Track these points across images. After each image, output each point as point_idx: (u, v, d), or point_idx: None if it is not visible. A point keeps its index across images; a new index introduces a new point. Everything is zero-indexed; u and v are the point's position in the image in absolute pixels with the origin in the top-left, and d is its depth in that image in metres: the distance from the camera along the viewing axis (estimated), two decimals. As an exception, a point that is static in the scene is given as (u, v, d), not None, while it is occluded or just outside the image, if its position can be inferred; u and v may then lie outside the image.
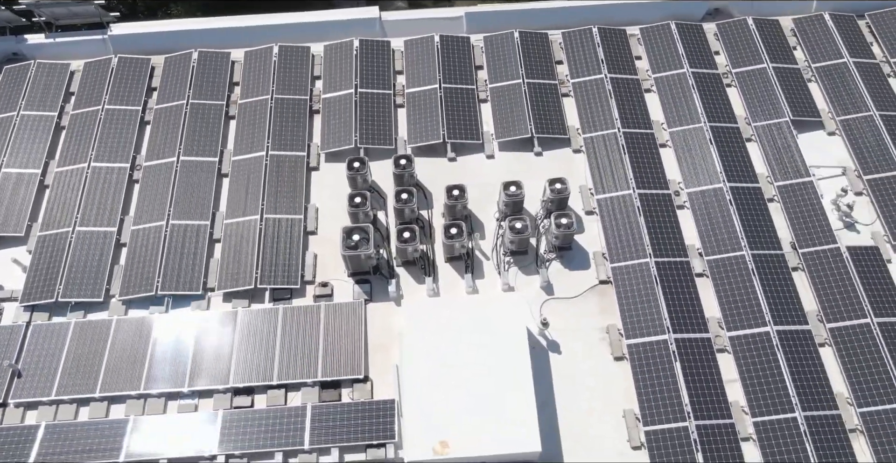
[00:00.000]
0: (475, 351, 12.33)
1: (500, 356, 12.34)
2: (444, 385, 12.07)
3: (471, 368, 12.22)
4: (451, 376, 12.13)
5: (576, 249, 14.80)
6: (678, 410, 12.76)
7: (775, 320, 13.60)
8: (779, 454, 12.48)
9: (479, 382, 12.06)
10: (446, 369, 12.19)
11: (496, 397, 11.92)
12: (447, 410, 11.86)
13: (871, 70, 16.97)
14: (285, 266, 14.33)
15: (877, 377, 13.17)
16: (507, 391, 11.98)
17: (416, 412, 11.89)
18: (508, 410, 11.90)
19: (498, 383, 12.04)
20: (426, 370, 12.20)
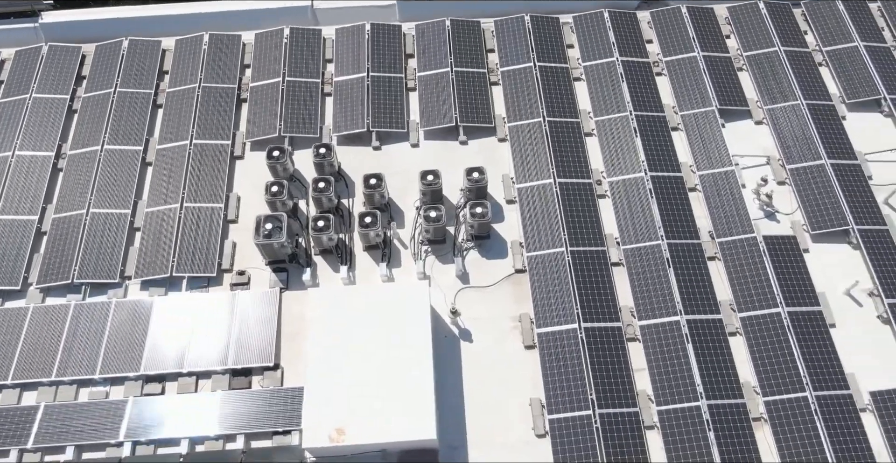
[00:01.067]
0: (378, 339, 12.11)
1: (402, 344, 12.10)
2: (347, 373, 11.86)
3: (373, 356, 12.00)
4: (353, 364, 11.92)
5: (494, 238, 14.48)
6: (583, 399, 12.49)
7: (686, 310, 13.28)
8: (681, 442, 12.22)
9: (380, 370, 11.85)
10: (349, 357, 11.98)
11: (395, 385, 11.72)
12: (347, 398, 11.65)
13: (802, 59, 16.41)
14: (202, 255, 14.06)
15: (783, 366, 12.85)
16: (407, 379, 11.77)
17: (317, 399, 11.67)
18: (406, 397, 11.67)
19: (398, 371, 11.82)
20: (329, 358, 11.97)
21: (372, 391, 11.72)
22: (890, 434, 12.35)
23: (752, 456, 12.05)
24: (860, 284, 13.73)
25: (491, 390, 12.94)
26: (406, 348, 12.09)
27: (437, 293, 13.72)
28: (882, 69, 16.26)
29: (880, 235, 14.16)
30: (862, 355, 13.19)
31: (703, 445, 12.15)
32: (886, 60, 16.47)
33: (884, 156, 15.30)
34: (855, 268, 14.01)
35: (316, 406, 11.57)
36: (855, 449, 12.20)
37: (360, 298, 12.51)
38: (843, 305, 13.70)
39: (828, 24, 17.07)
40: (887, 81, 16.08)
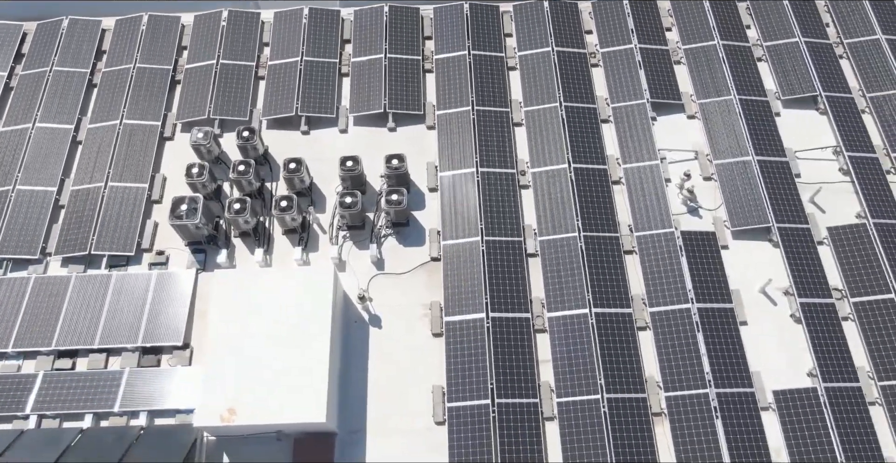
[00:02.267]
0: (279, 322, 11.78)
1: (301, 328, 11.74)
2: (245, 354, 11.52)
3: (272, 339, 11.66)
4: (252, 346, 11.59)
5: (413, 225, 14.01)
6: (483, 388, 12.11)
7: (596, 303, 12.82)
8: (577, 435, 11.67)
9: (278, 353, 11.52)
10: (248, 339, 11.64)
11: (291, 368, 11.38)
12: (242, 379, 11.32)
13: (740, 53, 15.63)
14: (123, 233, 13.71)
15: (688, 363, 12.35)
16: (303, 363, 11.42)
17: (213, 379, 11.36)
18: (301, 380, 11.31)
19: (295, 355, 11.48)
20: (229, 339, 11.63)
21: (267, 373, 11.38)
22: (789, 434, 11.85)
23: (648, 456, 11.55)
24: (777, 282, 13.20)
25: (396, 376, 12.61)
26: (305, 333, 11.72)
27: (351, 279, 13.39)
28: (821, 66, 15.48)
29: (801, 233, 13.56)
30: (771, 354, 12.71)
31: (598, 438, 11.66)
32: (826, 57, 15.65)
33: (815, 154, 14.68)
34: (773, 266, 13.47)
35: (211, 386, 11.28)
36: (752, 447, 11.75)
37: (264, 281, 12.14)
38: (758, 303, 13.18)
39: (771, 19, 16.25)
40: (825, 79, 15.31)
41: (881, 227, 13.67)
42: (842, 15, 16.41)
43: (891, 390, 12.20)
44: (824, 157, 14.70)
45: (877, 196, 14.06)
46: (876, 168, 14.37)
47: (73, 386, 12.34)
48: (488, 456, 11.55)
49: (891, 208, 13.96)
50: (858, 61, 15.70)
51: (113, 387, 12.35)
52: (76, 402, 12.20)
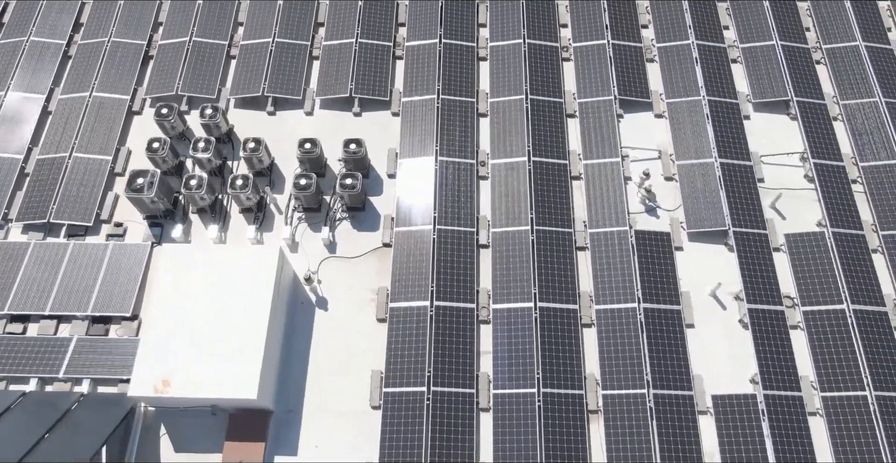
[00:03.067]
0: (220, 298, 11.55)
1: (242, 306, 11.49)
2: (184, 328, 11.34)
3: (212, 314, 11.44)
4: (192, 320, 11.40)
5: (369, 210, 13.66)
6: (420, 375, 11.80)
7: (542, 297, 12.40)
8: (509, 427, 11.39)
9: (216, 329, 11.30)
10: (189, 313, 11.46)
11: (228, 344, 11.16)
12: (179, 352, 11.15)
13: (715, 54, 14.98)
14: (83, 204, 13.53)
15: (629, 362, 11.87)
16: (240, 340, 11.19)
17: (150, 351, 11.19)
18: (236, 357, 11.09)
19: (233, 331, 11.26)
20: (170, 312, 11.46)
21: (204, 348, 11.18)
22: (724, 439, 11.43)
23: (580, 453, 11.18)
24: (729, 286, 12.76)
25: (337, 359, 12.35)
26: (245, 310, 11.47)
27: (302, 260, 13.13)
28: (796, 71, 14.82)
29: (757, 238, 13.05)
30: (715, 358, 12.30)
31: (530, 432, 11.29)
32: (802, 62, 14.98)
33: (781, 159, 14.11)
34: (727, 270, 13.00)
35: (147, 357, 11.12)
36: (685, 450, 11.35)
37: (210, 258, 11.91)
38: (707, 307, 12.74)
39: (750, 20, 15.56)
40: (799, 84, 14.67)
41: (839, 236, 13.11)
42: (823, 20, 15.70)
43: (833, 402, 11.76)
44: (790, 163, 14.15)
45: (838, 205, 13.48)
46: (841, 177, 13.78)
47: (21, 350, 12.22)
48: (419, 443, 11.29)
49: (851, 218, 13.39)
50: (836, 67, 15.03)
51: (60, 353, 12.23)
52: (23, 366, 12.08)
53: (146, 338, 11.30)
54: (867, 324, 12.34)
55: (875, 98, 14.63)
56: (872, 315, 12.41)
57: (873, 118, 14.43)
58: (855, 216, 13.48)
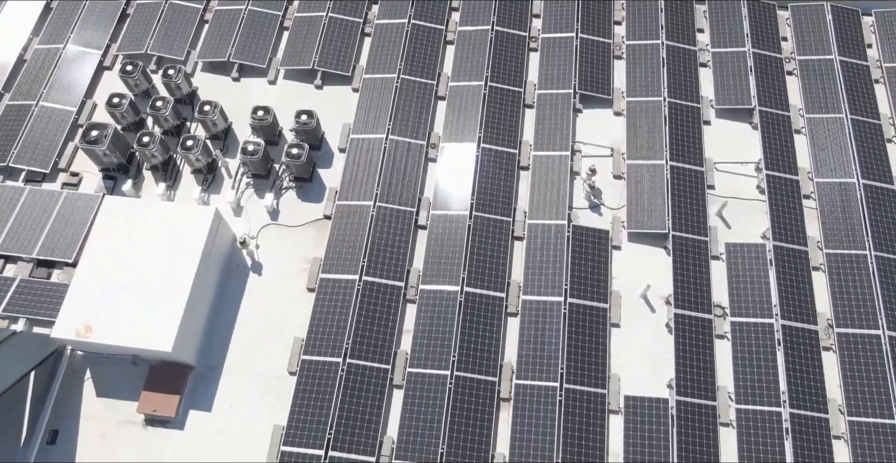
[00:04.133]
0: (152, 252, 11.44)
1: (171, 262, 11.38)
2: (112, 277, 11.25)
3: (142, 267, 11.35)
4: (122, 270, 11.31)
5: (316, 182, 13.40)
6: (338, 346, 11.58)
7: (469, 283, 12.03)
8: (419, 406, 11.20)
9: (143, 281, 11.22)
10: (120, 263, 11.35)
11: (152, 297, 11.08)
12: (105, 300, 11.08)
13: (683, 56, 14.26)
14: (43, 151, 13.44)
15: (545, 355, 11.51)
16: (164, 294, 11.09)
17: (77, 296, 11.15)
18: (158, 310, 10.99)
19: (159, 286, 11.17)
20: (102, 260, 11.37)
21: (129, 299, 11.08)
22: (629, 440, 11.06)
23: (484, 444, 10.89)
24: (661, 290, 12.26)
25: (263, 323, 12.19)
26: (174, 266, 11.33)
27: (244, 224, 12.94)
28: (765, 80, 14.07)
29: (696, 244, 12.48)
30: (636, 359, 11.86)
31: (438, 412, 11.05)
32: (773, 71, 14.19)
33: (735, 167, 13.45)
34: (663, 273, 12.48)
35: (74, 302, 11.08)
36: (589, 446, 10.99)
37: (147, 213, 11.79)
38: (638, 308, 12.28)
39: (726, 25, 14.74)
40: (765, 93, 13.93)
41: (781, 250, 12.48)
42: (802, 30, 14.81)
43: (746, 414, 11.25)
44: (744, 173, 13.46)
45: (786, 219, 12.81)
46: (793, 190, 13.08)
47: (-35, 286, 12.65)
48: (328, 411, 11.11)
49: (796, 233, 12.72)
50: (807, 80, 14.21)
51: (2, 291, 12.23)
52: (-35, 301, 12.48)
53: (76, 283, 11.27)
54: (795, 341, 11.76)
55: (841, 114, 13.82)
56: (801, 332, 11.83)
57: (836, 134, 13.64)
58: (801, 231, 12.82)
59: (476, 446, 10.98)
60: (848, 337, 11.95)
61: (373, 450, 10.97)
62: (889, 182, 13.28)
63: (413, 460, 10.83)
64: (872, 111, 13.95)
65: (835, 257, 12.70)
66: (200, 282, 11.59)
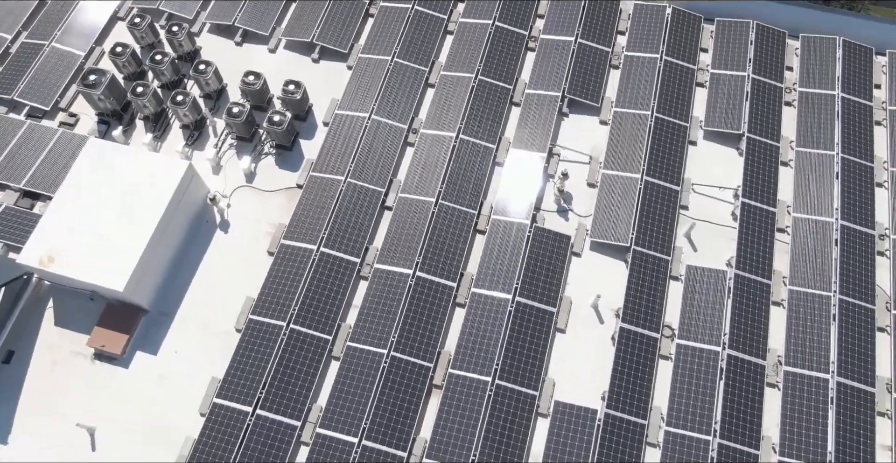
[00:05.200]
0: (123, 195, 11.63)
1: (140, 206, 11.55)
2: (83, 214, 11.48)
3: (112, 208, 11.55)
4: (92, 209, 11.53)
5: (296, 151, 13.36)
6: (284, 311, 11.59)
7: (423, 268, 11.90)
8: (352, 378, 11.07)
9: (111, 221, 11.43)
10: (92, 202, 11.56)
11: (115, 237, 11.29)
12: (71, 233, 11.34)
13: (680, 73, 13.69)
14: (47, 89, 13.73)
15: (482, 348, 11.28)
16: (127, 236, 11.29)
17: (47, 227, 11.42)
18: (118, 251, 11.19)
19: (125, 228, 11.37)
20: (76, 197, 11.60)
21: (94, 236, 11.32)
22: (551, 444, 10.80)
23: (405, 432, 10.76)
24: (614, 302, 11.90)
25: (221, 279, 12.28)
26: (140, 212, 11.49)
27: (220, 183, 12.99)
28: (759, 107, 13.43)
29: (656, 262, 12.06)
30: (575, 367, 11.57)
31: (369, 388, 10.93)
32: (770, 100, 13.54)
33: (713, 191, 12.87)
34: (619, 286, 12.09)
35: (43, 231, 11.36)
36: (510, 446, 10.75)
37: (126, 158, 11.95)
38: (588, 316, 11.94)
39: (730, 47, 14.11)
40: (756, 121, 13.30)
41: (742, 280, 11.95)
42: (809, 62, 14.06)
43: (675, 438, 10.87)
44: (721, 198, 12.91)
45: (754, 249, 12.24)
46: (767, 222, 12.51)
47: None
48: (263, 371, 11.14)
49: (761, 264, 12.14)
50: (804, 112, 13.54)
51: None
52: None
53: (48, 215, 11.53)
54: (739, 373, 11.31)
55: (833, 152, 13.14)
56: (748, 365, 11.37)
57: (824, 171, 12.96)
58: (767, 264, 12.26)
59: (401, 428, 10.84)
60: (795, 376, 11.45)
61: (300, 415, 10.99)
62: (869, 227, 12.61)
63: (341, 431, 10.74)
64: (866, 153, 13.25)
65: (798, 295, 12.13)
66: (164, 230, 11.72)
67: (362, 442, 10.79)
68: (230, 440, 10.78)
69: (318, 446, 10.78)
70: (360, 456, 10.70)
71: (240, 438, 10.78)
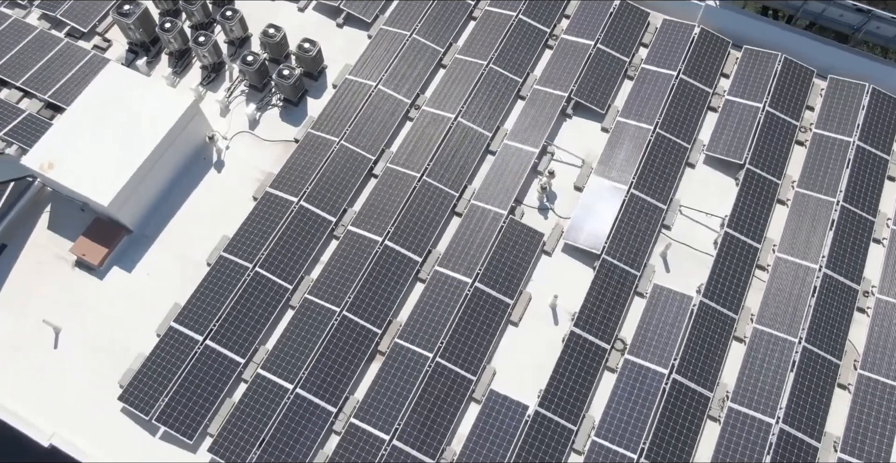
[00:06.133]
0: (130, 118, 12.07)
1: (140, 132, 11.97)
2: (91, 128, 11.96)
3: (117, 128, 12.01)
4: (100, 125, 12.01)
5: (301, 107, 13.57)
6: (253, 254, 11.84)
7: (393, 238, 12.00)
8: (302, 329, 11.34)
9: (114, 141, 11.87)
10: (102, 118, 12.03)
11: (112, 157, 11.75)
12: (76, 144, 11.87)
13: (694, 94, 13.17)
14: (88, 12, 14.28)
15: (431, 324, 11.27)
16: (123, 157, 11.72)
17: (55, 135, 11.97)
18: (113, 168, 11.66)
19: (122, 149, 11.81)
20: (86, 112, 12.07)
21: (95, 151, 11.80)
22: (476, 430, 10.71)
23: (341, 395, 10.77)
24: (573, 307, 11.72)
25: (205, 213, 12.64)
26: (140, 137, 11.94)
27: (223, 124, 13.33)
28: (768, 142, 12.89)
29: (624, 276, 11.77)
30: (518, 360, 11.43)
31: (313, 345, 11.27)
32: (781, 136, 12.96)
33: (700, 216, 12.48)
34: (580, 290, 11.91)
35: (50, 138, 11.92)
36: (437, 423, 10.76)
37: (138, 85, 12.38)
38: (543, 314, 11.78)
39: (753, 77, 13.54)
40: (761, 155, 12.77)
41: (705, 307, 11.54)
42: (832, 104, 13.37)
43: (600, 449, 10.64)
44: (708, 224, 12.48)
45: (726, 280, 11.79)
46: (748, 257, 12.00)
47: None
48: (221, 305, 11.42)
49: (730, 297, 11.68)
50: (814, 154, 12.91)
51: (10, 118, 13.29)
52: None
53: (57, 125, 12.09)
54: (682, 399, 10.97)
55: (834, 199, 12.50)
56: (693, 393, 11.02)
57: (820, 217, 12.31)
58: (737, 298, 11.82)
59: (336, 385, 10.96)
60: (738, 415, 11.03)
61: (245, 353, 11.25)
62: (854, 281, 11.96)
63: (280, 376, 10.96)
64: (870, 206, 12.56)
65: (761, 334, 11.65)
66: (159, 158, 12.14)
67: (296, 390, 11.01)
68: (176, 363, 11.17)
69: (256, 386, 11.03)
70: (291, 402, 10.91)
71: (185, 363, 11.16)
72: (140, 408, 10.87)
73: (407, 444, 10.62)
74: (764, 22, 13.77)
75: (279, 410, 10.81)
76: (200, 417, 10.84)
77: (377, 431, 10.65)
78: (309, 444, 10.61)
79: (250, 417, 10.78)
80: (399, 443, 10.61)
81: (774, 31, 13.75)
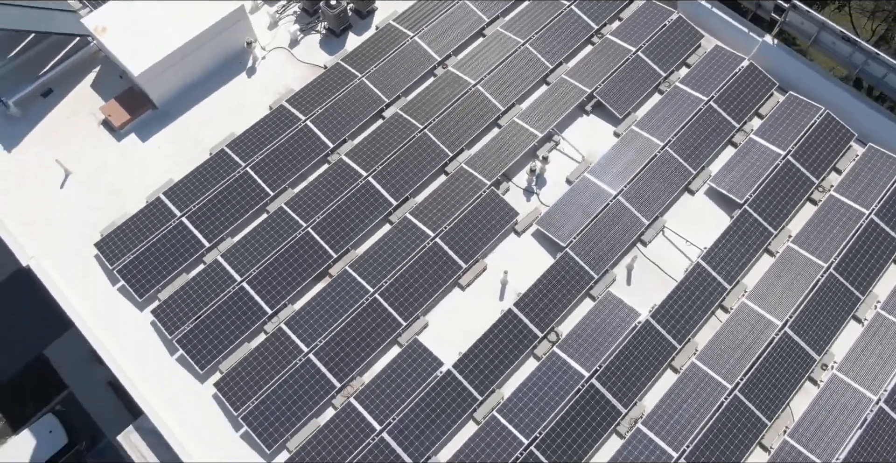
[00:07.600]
0: (184, 7, 12.79)
1: (191, 20, 12.71)
2: (150, 7, 12.81)
3: (171, 11, 12.79)
4: (159, 7, 12.80)
5: (341, 40, 13.98)
6: (251, 154, 12.30)
7: (376, 176, 12.15)
8: (268, 236, 11.90)
9: (164, 22, 12.67)
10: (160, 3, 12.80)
11: (158, 36, 12.58)
12: (131, 19, 12.73)
13: (719, 125, 12.63)
14: None
15: (381, 264, 11.45)
16: (166, 38, 12.54)
17: (116, 6, 12.82)
18: (153, 45, 12.50)
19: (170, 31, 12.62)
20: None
21: (145, 27, 12.65)
22: (388, 371, 10.80)
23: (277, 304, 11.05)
24: (521, 287, 11.63)
25: (224, 110, 13.22)
26: (189, 24, 12.72)
27: (269, 36, 13.91)
28: (778, 192, 12.19)
29: (580, 274, 11.46)
30: (454, 322, 11.38)
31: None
32: (795, 191, 12.17)
33: (680, 242, 11.95)
34: (534, 275, 11.72)
35: (111, 9, 12.85)
36: (357, 353, 10.93)
37: None
38: (492, 288, 11.68)
39: (787, 121, 12.77)
40: (766, 203, 12.06)
41: (648, 328, 11.09)
42: (859, 172, 12.42)
43: (493, 422, 10.51)
44: (685, 251, 11.95)
45: (680, 310, 11.25)
46: (713, 295, 11.39)
47: None
48: (205, 190, 11.94)
49: (680, 327, 11.14)
50: (823, 216, 12.08)
51: None
52: None
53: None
54: (592, 406, 10.59)
55: (826, 264, 11.72)
56: (605, 404, 10.63)
57: (803, 277, 11.50)
58: (686, 329, 11.22)
59: (278, 291, 11.25)
60: (644, 437, 10.48)
61: (212, 239, 11.84)
62: (816, 350, 11.12)
63: (232, 266, 11.32)
64: (862, 283, 11.62)
65: (696, 371, 10.96)
66: (196, 49, 12.88)
67: (241, 284, 11.42)
68: (150, 230, 11.93)
69: (210, 271, 11.57)
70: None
71: (157, 233, 11.87)
72: (109, 258, 11.68)
73: (321, 362, 10.77)
74: (816, 72, 12.98)
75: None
76: (160, 277, 11.51)
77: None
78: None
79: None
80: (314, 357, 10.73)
81: (826, 85, 12.91)
